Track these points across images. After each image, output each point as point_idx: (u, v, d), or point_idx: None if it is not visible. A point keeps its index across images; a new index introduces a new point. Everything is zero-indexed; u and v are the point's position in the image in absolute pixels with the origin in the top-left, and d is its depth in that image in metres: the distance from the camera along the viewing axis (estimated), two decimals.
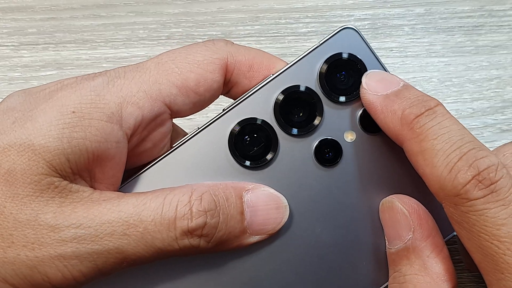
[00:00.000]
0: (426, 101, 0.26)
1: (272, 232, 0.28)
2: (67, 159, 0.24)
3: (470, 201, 0.24)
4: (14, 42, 0.44)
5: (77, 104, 0.25)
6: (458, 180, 0.24)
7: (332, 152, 0.28)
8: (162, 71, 0.27)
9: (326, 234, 0.28)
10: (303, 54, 0.28)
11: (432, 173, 0.25)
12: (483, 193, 0.24)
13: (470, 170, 0.24)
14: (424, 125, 0.25)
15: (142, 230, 0.25)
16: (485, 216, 0.24)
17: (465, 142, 0.25)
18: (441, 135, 0.25)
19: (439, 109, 0.26)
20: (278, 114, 0.28)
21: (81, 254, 0.24)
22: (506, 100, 0.42)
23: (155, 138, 0.27)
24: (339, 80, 0.28)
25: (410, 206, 0.27)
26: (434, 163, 0.25)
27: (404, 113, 0.26)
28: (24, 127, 0.24)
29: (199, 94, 0.27)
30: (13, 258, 0.24)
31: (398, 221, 0.27)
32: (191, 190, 0.26)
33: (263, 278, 0.28)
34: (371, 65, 0.28)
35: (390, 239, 0.28)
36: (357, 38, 0.28)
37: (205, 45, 0.28)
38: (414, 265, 0.26)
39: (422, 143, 0.25)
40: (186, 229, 0.25)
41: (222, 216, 0.26)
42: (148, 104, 0.26)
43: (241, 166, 0.28)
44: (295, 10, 0.44)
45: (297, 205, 0.28)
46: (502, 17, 0.43)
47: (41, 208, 0.24)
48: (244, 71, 0.28)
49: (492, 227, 0.24)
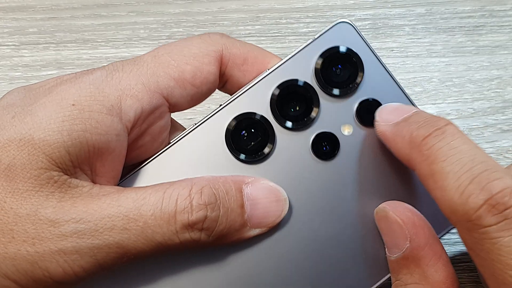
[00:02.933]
0: (435, 121, 0.25)
1: (272, 225, 0.28)
2: (67, 152, 0.24)
3: (483, 227, 0.22)
4: (15, 41, 0.44)
5: (76, 97, 0.25)
6: (470, 204, 0.22)
7: (329, 146, 0.28)
8: (159, 64, 0.27)
9: (325, 227, 0.28)
10: (299, 48, 0.28)
11: (443, 197, 0.23)
12: (497, 219, 0.22)
13: (482, 194, 0.22)
14: (432, 146, 0.24)
15: (142, 224, 0.24)
16: (499, 245, 0.22)
17: (477, 163, 0.23)
18: (451, 156, 0.24)
19: (448, 128, 0.25)
20: (275, 108, 0.28)
21: (81, 249, 0.24)
22: (506, 100, 0.42)
23: (154, 131, 0.27)
24: (335, 74, 0.28)
25: (404, 215, 0.27)
26: (444, 187, 0.23)
27: (412, 136, 0.25)
28: (24, 121, 0.24)
29: (196, 86, 0.27)
30: (13, 253, 0.23)
31: (394, 231, 0.27)
32: (190, 184, 0.26)
33: (262, 272, 0.28)
34: (367, 58, 0.28)
35: (388, 247, 0.28)
36: (352, 31, 0.28)
37: (200, 38, 0.28)
38: (414, 275, 0.26)
39: (431, 165, 0.24)
40: (187, 222, 0.25)
41: (223, 209, 0.26)
42: (146, 96, 0.26)
43: (238, 161, 0.28)
44: (295, 10, 0.44)
45: (295, 199, 0.28)
46: (503, 17, 0.44)
47: (41, 203, 0.24)
48: (238, 64, 0.28)
49: (506, 256, 0.22)
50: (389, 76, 0.29)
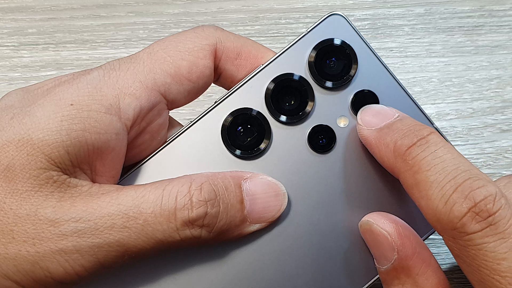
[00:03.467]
0: (418, 130, 0.25)
1: (272, 219, 0.28)
2: (66, 152, 0.24)
3: (467, 234, 0.23)
4: (14, 42, 0.44)
5: (74, 97, 0.25)
6: (454, 213, 0.23)
7: (325, 138, 0.29)
8: (155, 61, 0.27)
9: (323, 220, 0.28)
10: (292, 42, 0.29)
11: (428, 206, 0.24)
12: (481, 226, 0.23)
13: (466, 202, 0.23)
14: (416, 156, 0.25)
15: (142, 222, 0.24)
16: (484, 251, 0.23)
17: (460, 172, 0.24)
18: (435, 165, 0.24)
19: (431, 137, 0.25)
20: (270, 103, 0.28)
21: (82, 248, 0.24)
22: (506, 100, 0.42)
23: (153, 129, 0.27)
24: (328, 66, 0.28)
25: (389, 227, 0.27)
26: (429, 196, 0.24)
27: (396, 145, 0.25)
28: (22, 122, 0.24)
29: (193, 81, 0.27)
30: (14, 254, 0.23)
31: (380, 243, 0.27)
32: (190, 180, 0.26)
33: (262, 267, 0.28)
34: (360, 49, 0.28)
35: (377, 259, 0.28)
36: (344, 23, 0.29)
37: (194, 31, 0.28)
38: (405, 285, 0.26)
39: (416, 175, 0.24)
40: (187, 219, 0.25)
41: (223, 205, 0.26)
42: (144, 94, 0.26)
43: (235, 157, 0.28)
44: (295, 10, 0.44)
45: (293, 192, 0.28)
46: (502, 17, 0.44)
47: (40, 203, 0.24)
48: (232, 58, 0.28)
49: (492, 261, 0.23)
50: (382, 67, 0.29)
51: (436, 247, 0.38)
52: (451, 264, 0.37)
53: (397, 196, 0.29)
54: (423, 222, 0.28)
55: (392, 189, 0.29)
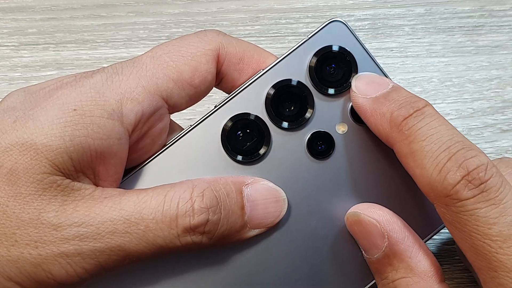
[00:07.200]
0: (414, 102, 0.26)
1: (271, 225, 0.28)
2: (69, 158, 0.24)
3: (460, 201, 0.24)
4: (14, 42, 0.44)
5: (77, 102, 0.25)
6: (448, 180, 0.24)
7: (324, 145, 0.29)
8: (158, 65, 0.27)
9: (321, 226, 0.29)
10: (292, 48, 0.29)
11: (422, 175, 0.25)
12: (473, 193, 0.24)
13: (459, 171, 0.24)
14: (412, 127, 0.25)
15: (144, 228, 0.25)
16: (476, 216, 0.24)
17: (454, 142, 0.25)
18: (430, 136, 0.25)
19: (427, 109, 0.26)
20: (270, 108, 0.28)
21: (84, 252, 0.24)
22: (506, 100, 0.42)
23: (154, 133, 0.28)
24: (329, 73, 0.29)
25: (376, 214, 0.27)
26: (423, 165, 0.25)
27: (392, 115, 0.26)
28: (26, 126, 0.24)
29: (195, 86, 0.27)
30: (17, 256, 0.24)
31: (370, 232, 0.27)
32: (192, 186, 0.26)
33: (260, 271, 0.28)
34: (360, 56, 0.29)
35: (366, 250, 0.28)
36: (345, 30, 0.29)
37: (197, 36, 0.28)
38: (399, 270, 0.27)
39: (411, 144, 0.25)
40: (188, 226, 0.25)
41: (224, 212, 0.26)
42: (147, 99, 0.26)
43: (234, 162, 0.28)
44: (295, 10, 0.44)
45: (291, 198, 0.28)
46: (502, 17, 0.44)
47: (43, 207, 0.24)
48: (234, 63, 0.28)
49: (483, 226, 0.24)
50: (382, 74, 0.29)
51: (436, 247, 0.38)
52: (451, 264, 0.37)
53: (396, 202, 0.29)
54: (423, 226, 0.28)
55: (391, 195, 0.29)
